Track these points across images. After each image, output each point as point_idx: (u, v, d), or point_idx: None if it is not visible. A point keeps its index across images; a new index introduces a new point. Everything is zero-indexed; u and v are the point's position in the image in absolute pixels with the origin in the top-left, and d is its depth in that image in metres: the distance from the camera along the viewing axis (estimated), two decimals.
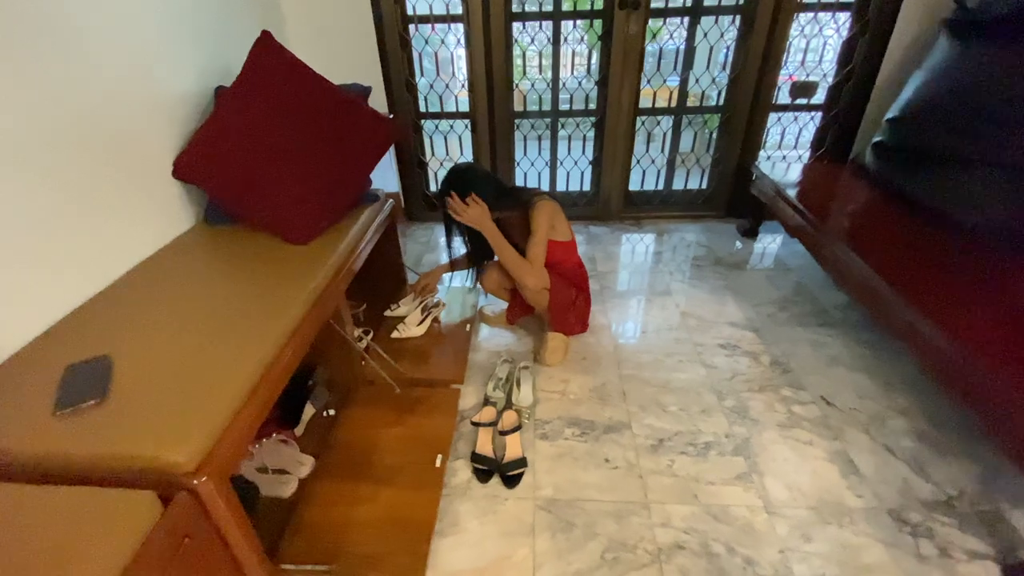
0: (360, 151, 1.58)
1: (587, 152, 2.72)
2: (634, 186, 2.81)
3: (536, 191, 1.69)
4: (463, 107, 2.59)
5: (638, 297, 2.14)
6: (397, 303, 1.97)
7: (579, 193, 2.86)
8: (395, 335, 1.83)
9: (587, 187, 2.84)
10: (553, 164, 2.78)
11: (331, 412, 1.52)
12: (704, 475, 1.33)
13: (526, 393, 1.57)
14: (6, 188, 0.99)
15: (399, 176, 2.72)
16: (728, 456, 1.38)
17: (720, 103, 2.57)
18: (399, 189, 2.76)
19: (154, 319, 1.08)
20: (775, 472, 1.33)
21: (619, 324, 1.96)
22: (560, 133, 2.68)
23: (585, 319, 1.86)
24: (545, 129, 2.67)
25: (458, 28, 2.39)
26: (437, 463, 1.32)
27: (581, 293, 1.78)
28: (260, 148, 1.43)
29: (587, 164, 2.75)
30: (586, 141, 2.71)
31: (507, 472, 1.33)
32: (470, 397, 1.61)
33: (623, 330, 1.92)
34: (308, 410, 1.48)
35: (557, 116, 2.63)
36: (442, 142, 2.71)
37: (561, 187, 2.87)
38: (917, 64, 1.93)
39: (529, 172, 2.79)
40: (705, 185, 2.82)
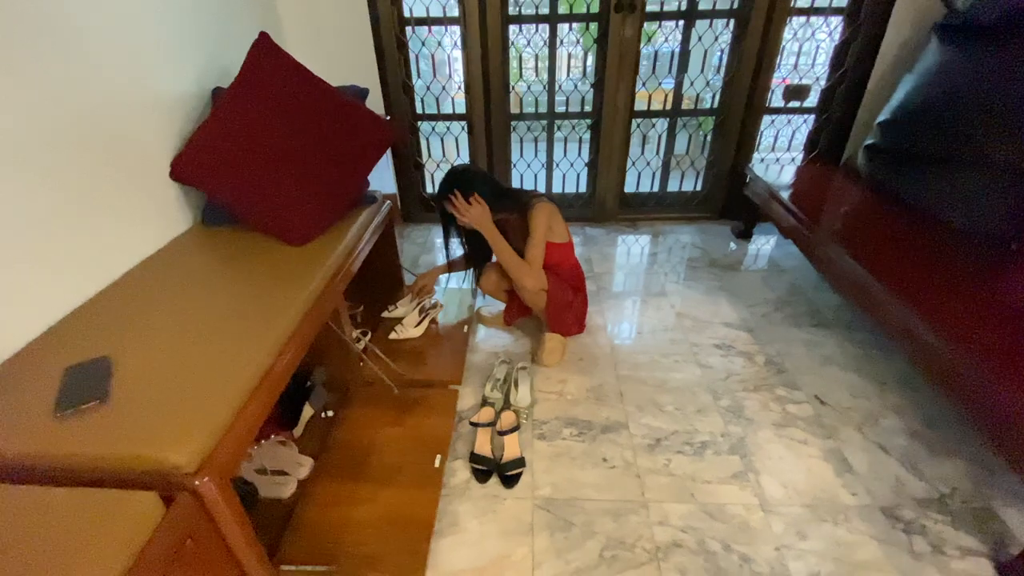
0: (358, 153, 1.59)
1: (583, 154, 2.74)
2: (629, 188, 2.83)
3: (533, 193, 1.70)
4: (459, 109, 2.60)
5: (634, 298, 2.16)
6: (395, 304, 1.97)
7: (575, 195, 2.87)
8: (393, 336, 1.84)
9: (583, 189, 2.86)
10: (549, 166, 2.79)
11: (330, 413, 1.52)
12: (700, 474, 1.34)
13: (524, 394, 1.58)
14: (6, 188, 0.99)
15: (396, 177, 2.72)
16: (724, 455, 1.40)
17: (714, 106, 2.60)
18: (396, 190, 2.76)
19: (153, 320, 1.08)
20: (770, 471, 1.35)
21: (615, 325, 1.97)
22: (556, 135, 2.70)
23: (582, 320, 1.87)
24: (541, 131, 2.69)
25: (454, 30, 2.40)
26: (436, 463, 1.32)
27: (578, 294, 1.79)
28: (258, 150, 1.43)
29: (583, 166, 2.77)
30: (582, 143, 2.72)
31: (506, 472, 1.33)
32: (468, 398, 1.61)
33: (619, 331, 1.94)
34: (307, 411, 1.48)
35: (553, 118, 2.64)
36: (438, 144, 2.72)
37: (557, 189, 2.88)
38: (908, 68, 1.96)
39: (525, 174, 2.80)
40: (700, 187, 2.85)
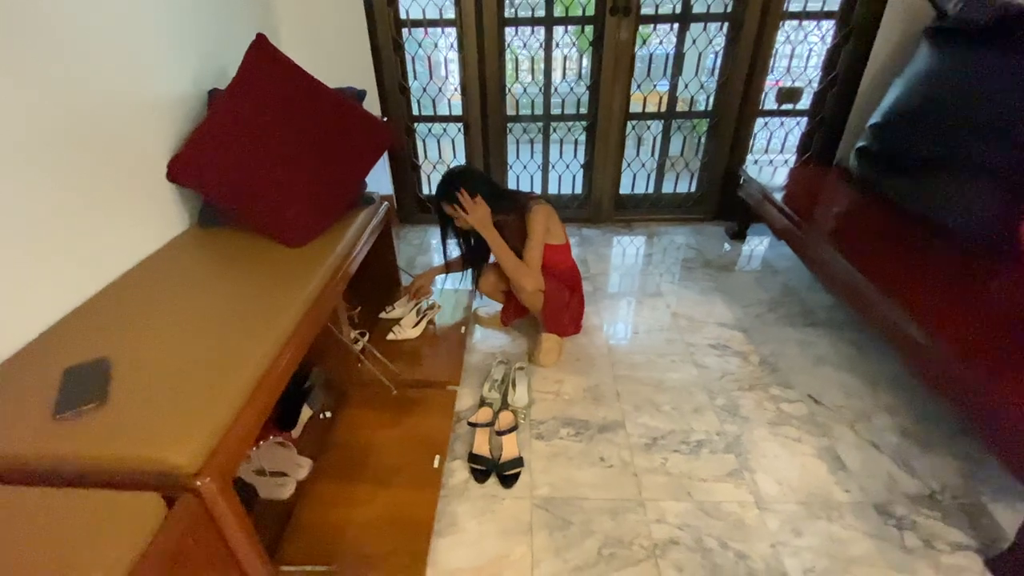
0: (356, 154, 1.59)
1: (579, 156, 2.75)
2: (625, 189, 2.85)
3: (530, 194, 1.71)
4: (456, 110, 2.61)
5: (630, 298, 2.17)
6: (392, 305, 1.98)
7: (571, 196, 2.89)
8: (391, 337, 1.84)
9: (579, 190, 2.87)
10: (545, 167, 2.80)
11: (328, 414, 1.52)
12: (697, 472, 1.36)
13: (521, 394, 1.59)
14: (5, 188, 0.99)
15: (392, 179, 2.73)
16: (720, 454, 1.41)
17: (708, 108, 2.62)
18: (392, 192, 2.76)
19: (152, 321, 1.08)
20: (765, 468, 1.36)
21: (612, 325, 1.98)
22: (552, 137, 2.71)
23: (579, 320, 1.88)
24: (537, 133, 2.70)
25: (451, 32, 2.41)
26: (435, 464, 1.33)
27: (575, 295, 1.80)
28: (255, 151, 1.42)
29: (579, 168, 2.78)
30: (578, 145, 2.74)
31: (504, 472, 1.34)
32: (466, 398, 1.62)
33: (616, 331, 1.95)
34: (305, 412, 1.48)
35: (549, 120, 2.66)
36: (435, 145, 2.73)
37: (553, 190, 2.90)
38: (899, 71, 1.99)
39: (521, 175, 2.81)
40: (694, 188, 2.87)
